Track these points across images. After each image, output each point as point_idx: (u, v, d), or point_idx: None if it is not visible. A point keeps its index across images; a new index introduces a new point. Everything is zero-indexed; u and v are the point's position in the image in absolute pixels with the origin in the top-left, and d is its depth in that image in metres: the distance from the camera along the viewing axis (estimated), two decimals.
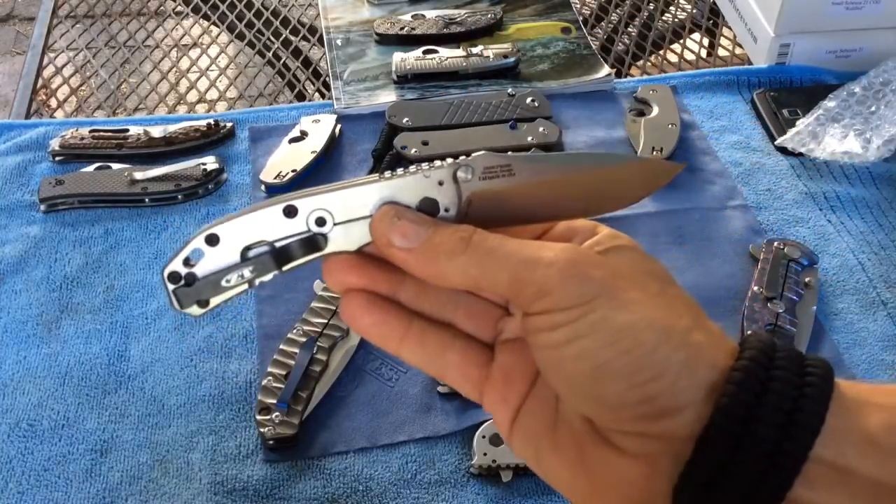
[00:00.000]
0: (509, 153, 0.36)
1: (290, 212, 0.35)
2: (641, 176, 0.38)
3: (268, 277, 0.36)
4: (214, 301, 0.36)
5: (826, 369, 0.32)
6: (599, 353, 0.32)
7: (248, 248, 0.35)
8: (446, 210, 0.36)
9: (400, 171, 0.36)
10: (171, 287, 0.36)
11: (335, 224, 0.35)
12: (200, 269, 0.35)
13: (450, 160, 0.36)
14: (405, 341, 0.37)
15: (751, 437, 0.30)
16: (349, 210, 0.35)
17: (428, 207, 0.36)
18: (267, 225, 0.35)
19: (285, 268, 0.36)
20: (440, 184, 0.35)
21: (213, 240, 0.35)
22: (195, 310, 0.36)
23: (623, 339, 0.32)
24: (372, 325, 0.37)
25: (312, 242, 0.36)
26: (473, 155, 0.36)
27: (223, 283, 0.36)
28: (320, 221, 0.35)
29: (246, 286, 0.36)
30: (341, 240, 0.36)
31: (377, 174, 0.36)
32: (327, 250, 0.36)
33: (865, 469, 0.30)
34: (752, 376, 0.31)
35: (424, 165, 0.36)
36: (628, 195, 0.38)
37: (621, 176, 0.37)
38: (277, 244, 0.35)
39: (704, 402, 0.32)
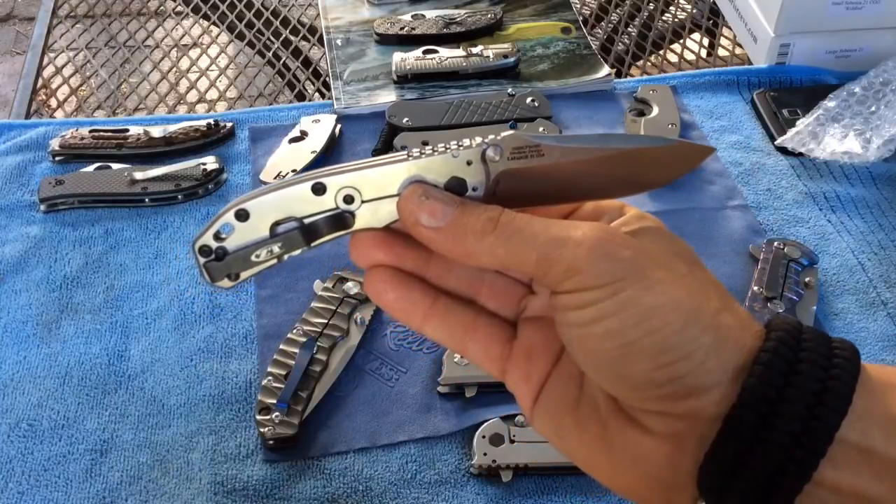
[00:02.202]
0: (539, 132, 0.36)
1: (319, 189, 0.35)
2: (671, 158, 0.38)
3: (296, 252, 0.36)
4: (244, 275, 0.36)
5: (852, 352, 0.32)
6: (627, 333, 0.32)
7: (277, 224, 0.36)
8: (474, 189, 0.36)
9: (428, 149, 0.36)
10: (202, 260, 0.36)
11: (363, 202, 0.36)
12: (231, 244, 0.36)
13: (479, 139, 0.36)
14: (429, 318, 0.37)
15: (778, 418, 0.31)
16: (377, 188, 0.35)
17: (456, 187, 0.36)
18: (296, 201, 0.35)
19: (314, 244, 0.36)
20: (468, 163, 0.35)
21: (242, 215, 0.35)
22: (226, 283, 0.36)
23: (651, 319, 0.32)
24: (396, 301, 0.37)
25: (340, 219, 0.36)
26: (503, 135, 0.36)
27: (253, 257, 0.36)
28: (348, 199, 0.35)
29: (275, 261, 0.36)
30: (369, 217, 0.36)
31: (405, 152, 0.36)
32: (355, 227, 0.36)
33: (890, 450, 0.31)
34: (779, 358, 0.32)
35: (453, 144, 0.36)
36: (657, 177, 0.38)
37: (651, 158, 0.37)
38: (306, 220, 0.36)
39: (731, 383, 0.32)
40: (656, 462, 0.33)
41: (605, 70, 0.87)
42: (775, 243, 0.68)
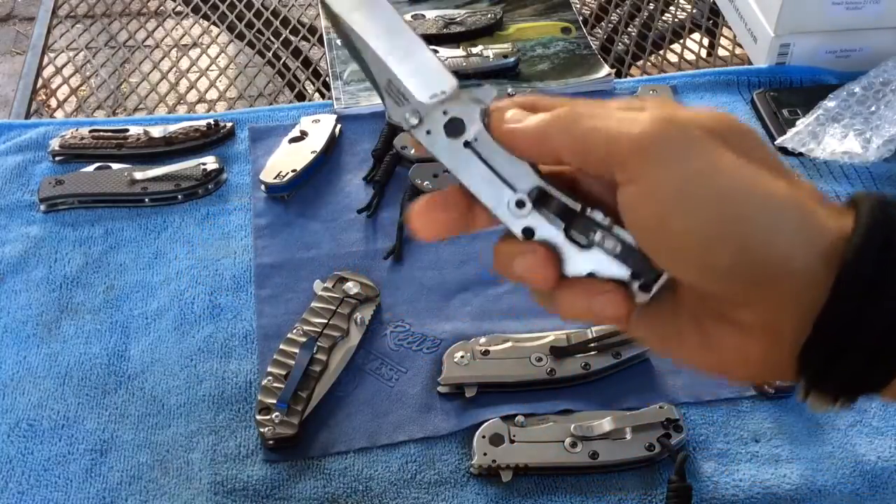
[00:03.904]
0: None
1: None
2: None
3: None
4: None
5: None
6: (706, 224, 0.32)
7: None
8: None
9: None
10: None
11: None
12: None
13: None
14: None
15: (878, 299, 0.30)
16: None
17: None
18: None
19: None
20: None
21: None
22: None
23: (730, 205, 0.32)
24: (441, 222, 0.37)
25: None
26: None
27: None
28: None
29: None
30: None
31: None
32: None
33: None
34: (873, 235, 0.31)
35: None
36: None
37: None
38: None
39: (822, 266, 0.31)
40: (756, 355, 0.33)
41: (605, 70, 0.87)
42: None
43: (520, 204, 0.36)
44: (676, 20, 1.02)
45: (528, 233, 0.36)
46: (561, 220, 0.36)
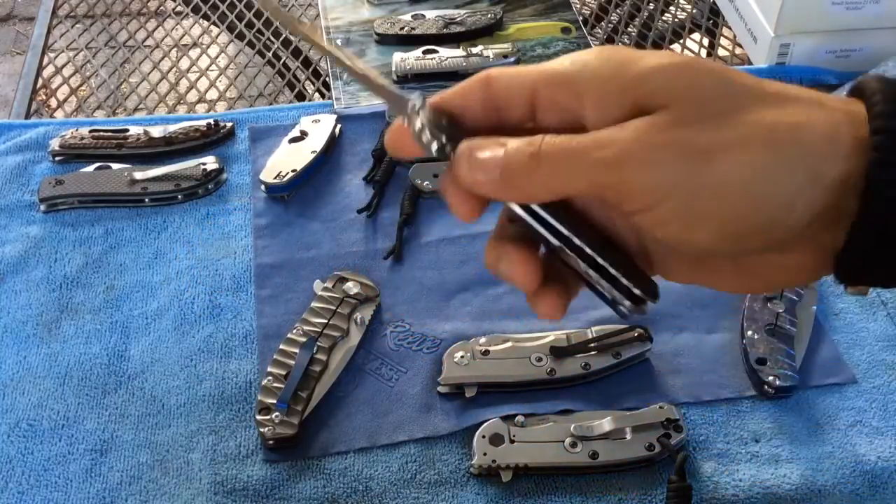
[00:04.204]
0: None
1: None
2: None
3: None
4: None
5: None
6: (733, 204, 0.33)
7: None
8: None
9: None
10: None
11: None
12: None
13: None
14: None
15: None
16: None
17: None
18: None
19: None
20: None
21: None
22: None
23: (726, 194, 0.33)
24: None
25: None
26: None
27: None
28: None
29: None
30: None
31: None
32: None
33: None
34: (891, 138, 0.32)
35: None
36: None
37: None
38: None
39: (849, 160, 0.33)
40: (795, 268, 0.35)
41: None
42: None
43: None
44: (676, 20, 1.02)
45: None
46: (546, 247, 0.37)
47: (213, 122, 0.80)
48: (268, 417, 0.57)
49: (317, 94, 0.92)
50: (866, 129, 0.33)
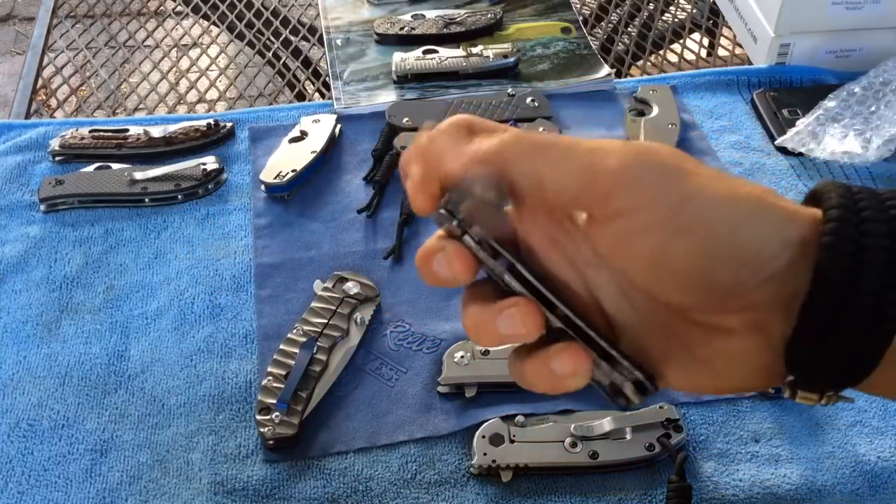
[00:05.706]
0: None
1: None
2: None
3: None
4: None
5: None
6: (706, 243, 0.32)
7: None
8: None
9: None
10: None
11: None
12: None
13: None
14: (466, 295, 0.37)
15: (858, 286, 0.31)
16: None
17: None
18: None
19: None
20: None
21: None
22: None
23: (722, 219, 0.32)
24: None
25: None
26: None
27: None
28: None
29: None
30: None
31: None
32: None
33: None
34: (845, 224, 0.32)
35: None
36: None
37: None
38: None
39: (799, 257, 0.32)
40: (749, 357, 0.34)
41: (605, 70, 0.87)
42: None
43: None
44: (676, 20, 1.02)
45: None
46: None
47: (213, 122, 0.80)
48: (268, 417, 0.57)
49: (317, 94, 0.92)
50: (817, 220, 0.33)
